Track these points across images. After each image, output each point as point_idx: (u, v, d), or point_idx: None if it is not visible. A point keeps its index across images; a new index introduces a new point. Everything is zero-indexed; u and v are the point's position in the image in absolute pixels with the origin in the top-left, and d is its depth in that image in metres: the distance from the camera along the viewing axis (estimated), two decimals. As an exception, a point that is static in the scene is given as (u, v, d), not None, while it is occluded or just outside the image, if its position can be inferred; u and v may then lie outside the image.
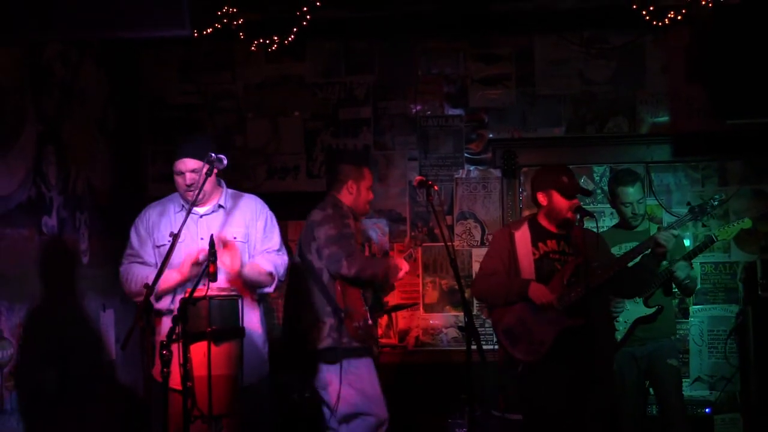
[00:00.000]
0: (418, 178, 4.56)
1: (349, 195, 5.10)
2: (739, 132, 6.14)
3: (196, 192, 4.25)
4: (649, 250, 4.68)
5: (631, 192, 5.34)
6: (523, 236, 4.73)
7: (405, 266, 4.90)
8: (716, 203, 4.84)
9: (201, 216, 4.36)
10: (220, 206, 4.42)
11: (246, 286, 4.31)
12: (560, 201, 4.70)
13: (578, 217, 4.64)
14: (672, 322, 5.50)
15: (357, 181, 5.11)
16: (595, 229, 4.66)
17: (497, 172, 6.72)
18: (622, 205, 5.35)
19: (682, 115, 6.49)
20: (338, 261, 4.80)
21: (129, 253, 4.44)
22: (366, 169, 5.18)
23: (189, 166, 4.32)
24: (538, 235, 4.72)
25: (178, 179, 4.34)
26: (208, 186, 4.28)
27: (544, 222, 4.75)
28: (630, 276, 4.70)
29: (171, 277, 4.20)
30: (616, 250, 5.24)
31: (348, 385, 4.83)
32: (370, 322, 4.85)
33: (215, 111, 6.75)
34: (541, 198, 4.74)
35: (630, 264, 4.74)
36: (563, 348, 4.54)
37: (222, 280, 4.17)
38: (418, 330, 6.71)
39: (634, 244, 4.98)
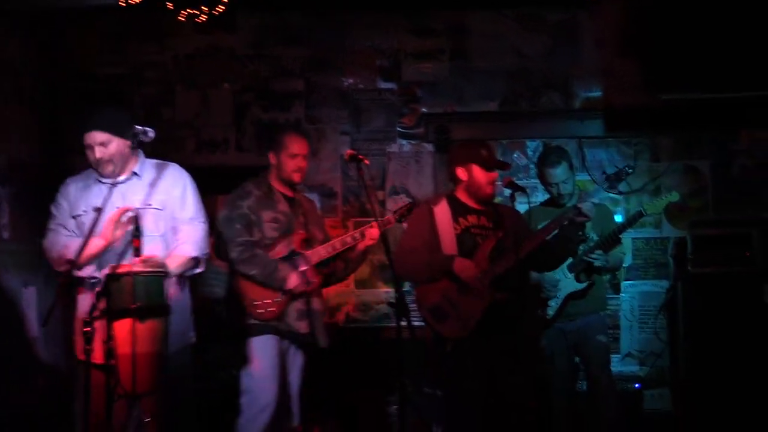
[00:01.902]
0: (349, 151, 4.55)
1: (272, 167, 5.06)
2: (672, 107, 6.21)
3: (112, 166, 4.30)
4: (567, 222, 4.71)
5: (556, 173, 5.40)
6: (443, 211, 4.69)
7: (294, 282, 4.85)
8: (631, 171, 5.08)
9: (115, 184, 4.27)
10: (134, 174, 4.38)
11: (172, 275, 4.27)
12: (480, 175, 4.68)
13: (510, 192, 4.69)
14: (603, 297, 5.56)
15: (276, 151, 5.02)
16: (526, 205, 4.83)
17: (430, 147, 6.77)
18: (549, 185, 5.42)
19: (615, 91, 6.51)
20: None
21: (52, 224, 4.40)
22: (286, 136, 5.09)
23: (97, 139, 4.27)
24: (458, 210, 4.69)
25: (88, 153, 4.29)
26: (117, 157, 4.29)
27: (463, 197, 4.74)
28: (549, 247, 4.71)
29: (94, 243, 4.15)
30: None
31: (245, 362, 4.84)
32: (273, 300, 4.83)
33: (143, 82, 6.73)
34: (461, 173, 4.71)
35: (549, 236, 4.74)
36: (490, 323, 4.55)
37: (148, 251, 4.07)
38: (350, 306, 6.81)
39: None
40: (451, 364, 4.54)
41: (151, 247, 4.18)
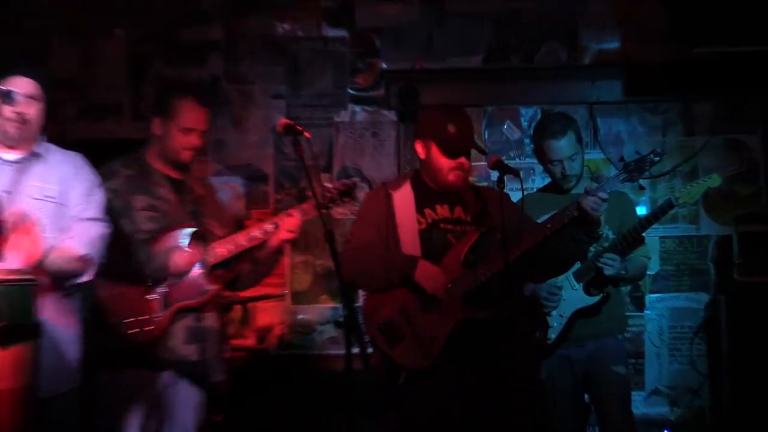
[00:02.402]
0: (284, 121, 3.92)
1: (155, 139, 4.48)
2: (710, 63, 5.73)
3: (26, 133, 4.00)
4: (567, 220, 4.09)
5: (560, 147, 4.66)
6: (404, 199, 4.17)
7: (180, 261, 4.28)
8: (657, 159, 4.11)
9: (8, 162, 3.98)
10: (35, 154, 4.06)
11: (51, 275, 3.91)
12: (439, 159, 4.11)
13: (498, 175, 3.89)
14: (620, 315, 4.87)
15: (164, 119, 4.42)
16: (519, 192, 4.12)
17: (392, 115, 6.20)
18: (550, 164, 4.69)
19: (635, 42, 6.01)
20: None
21: None
22: (179, 102, 4.44)
23: (26, 89, 3.96)
24: (424, 197, 4.17)
25: None
26: (35, 124, 3.98)
27: (429, 180, 4.17)
28: (551, 248, 4.10)
29: None
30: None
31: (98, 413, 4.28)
32: (152, 316, 4.23)
33: (8, 30, 6.09)
34: (419, 148, 4.19)
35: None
36: (461, 349, 4.00)
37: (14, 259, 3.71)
38: (284, 327, 6.20)
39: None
40: (403, 402, 4.02)
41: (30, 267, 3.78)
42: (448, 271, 4.03)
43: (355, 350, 3.59)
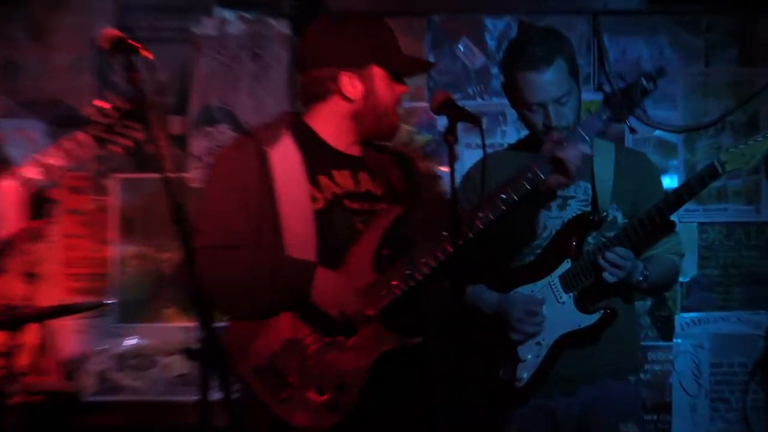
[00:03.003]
0: (110, 32, 3.24)
1: None
2: None
3: None
4: (529, 183, 3.73)
5: (544, 82, 4.00)
6: (287, 161, 3.67)
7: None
8: (651, 85, 3.68)
9: None
10: None
11: None
12: (386, 91, 3.65)
13: (446, 124, 3.31)
14: (633, 345, 4.26)
15: None
16: (479, 150, 3.72)
17: (283, 26, 5.38)
18: (527, 108, 4.03)
19: None
20: None
21: None
22: None
23: None
24: (315, 158, 3.71)
25: None
26: None
27: (329, 131, 3.72)
28: (498, 233, 3.76)
29: None
30: None
31: None
32: None
33: None
34: (346, 81, 3.63)
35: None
36: (384, 395, 3.64)
37: None
38: (105, 357, 5.47)
39: None
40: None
41: None
42: (356, 276, 3.70)
43: (217, 396, 3.03)
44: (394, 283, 3.65)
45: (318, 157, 3.76)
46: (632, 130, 4.15)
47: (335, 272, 3.67)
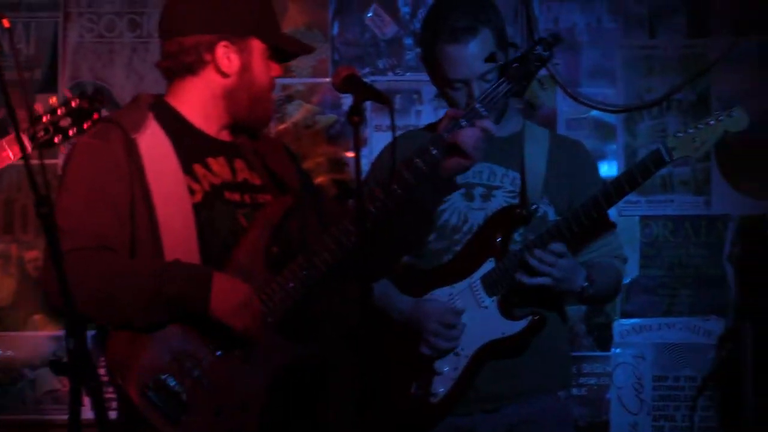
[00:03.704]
0: None
1: None
2: None
3: None
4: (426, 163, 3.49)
5: (468, 55, 3.90)
6: (158, 148, 3.43)
7: None
8: (546, 53, 3.47)
9: None
10: None
11: None
12: (264, 70, 3.46)
13: (351, 103, 3.11)
14: (565, 356, 4.14)
15: None
16: (387, 133, 4.08)
17: None
18: (449, 86, 3.92)
19: None
20: None
21: None
22: None
23: None
24: (187, 145, 3.45)
25: None
26: None
27: (195, 112, 3.47)
28: (392, 224, 3.50)
29: None
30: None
31: None
32: None
33: None
34: (223, 53, 3.40)
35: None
36: (289, 415, 3.50)
37: None
38: None
39: (481, 166, 3.90)
40: None
41: None
42: (247, 279, 3.43)
43: (90, 414, 2.75)
44: (290, 285, 3.41)
45: (189, 143, 3.47)
46: (532, 106, 4.23)
47: (233, 278, 3.42)
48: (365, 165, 4.14)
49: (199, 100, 3.46)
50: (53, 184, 5.38)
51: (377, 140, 4.79)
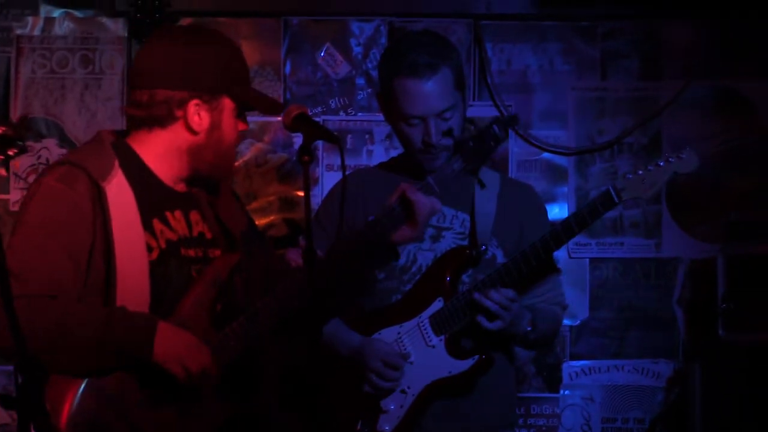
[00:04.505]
0: None
1: None
2: None
3: None
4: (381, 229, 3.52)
5: (428, 92, 3.88)
6: (122, 199, 3.35)
7: None
8: (501, 135, 3.49)
9: None
10: None
11: None
12: (232, 128, 3.41)
13: (301, 142, 3.16)
14: (511, 396, 4.14)
15: None
16: (338, 172, 3.96)
17: (118, 27, 5.09)
18: (405, 122, 3.88)
19: None
20: None
21: None
22: None
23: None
24: (148, 196, 3.40)
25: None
26: None
27: (157, 162, 3.44)
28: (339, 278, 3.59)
29: None
30: None
31: None
32: None
33: None
34: (193, 111, 3.34)
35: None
36: None
37: None
38: None
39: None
40: None
41: None
42: (199, 331, 3.44)
43: None
44: (232, 344, 3.40)
45: (150, 194, 3.43)
46: (482, 185, 4.01)
47: (178, 327, 3.35)
48: (315, 204, 4.16)
49: (163, 152, 3.43)
50: (4, 219, 4.96)
51: (329, 179, 4.77)
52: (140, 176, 3.42)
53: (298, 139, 4.90)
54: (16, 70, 5.15)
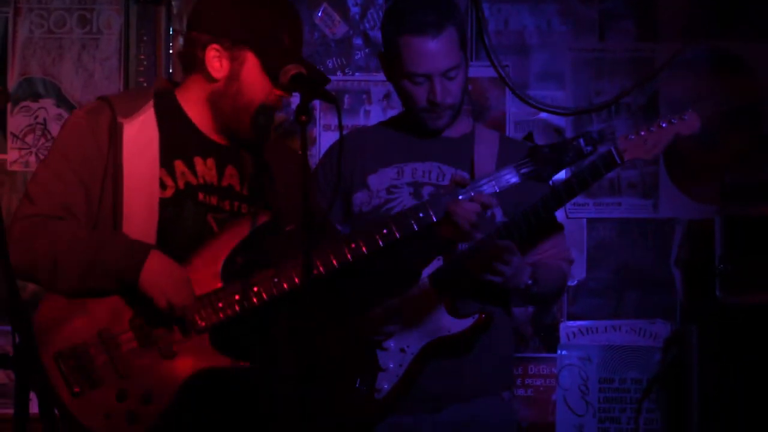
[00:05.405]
0: None
1: None
2: None
3: None
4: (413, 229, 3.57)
5: (433, 50, 3.91)
6: (142, 137, 3.51)
7: None
8: (590, 149, 3.49)
9: None
10: None
11: None
12: (255, 83, 3.40)
13: (299, 102, 3.16)
14: (509, 357, 4.19)
15: None
16: (336, 132, 4.28)
17: None
18: (409, 79, 3.89)
19: None
20: None
21: None
22: None
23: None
24: (176, 139, 3.52)
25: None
26: None
27: (195, 109, 3.53)
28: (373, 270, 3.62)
29: None
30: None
31: None
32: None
33: None
34: (213, 56, 3.43)
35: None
36: (197, 419, 3.51)
37: None
38: None
39: (430, 165, 4.03)
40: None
41: None
42: (199, 279, 3.48)
43: (39, 410, 2.83)
44: (236, 297, 3.46)
45: (180, 138, 3.51)
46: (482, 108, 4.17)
47: (175, 262, 3.46)
48: (313, 164, 4.22)
49: (196, 98, 3.50)
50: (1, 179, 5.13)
51: (326, 139, 4.82)
52: (173, 119, 3.50)
53: (295, 99, 4.90)
54: (13, 30, 5.23)
